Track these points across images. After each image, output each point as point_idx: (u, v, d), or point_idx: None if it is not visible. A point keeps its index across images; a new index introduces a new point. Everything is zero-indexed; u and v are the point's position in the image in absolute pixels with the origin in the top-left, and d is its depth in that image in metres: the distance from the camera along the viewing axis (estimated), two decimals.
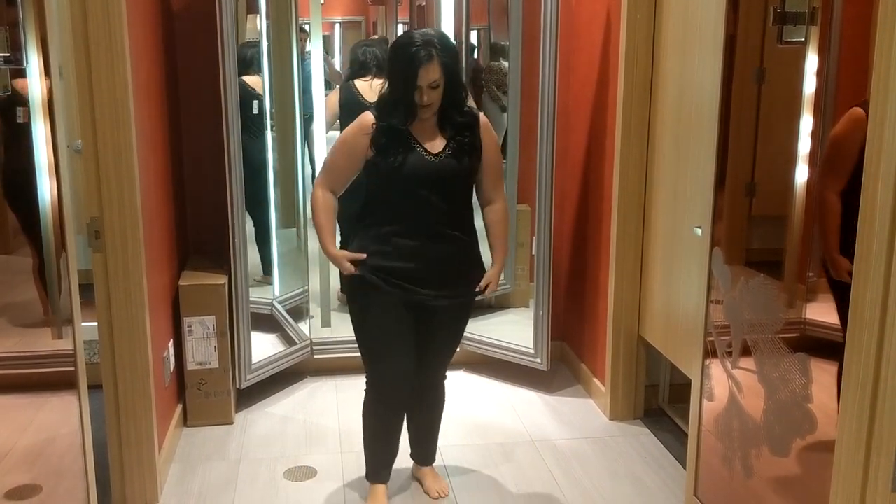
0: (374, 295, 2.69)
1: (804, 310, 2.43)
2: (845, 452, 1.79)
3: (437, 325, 2.79)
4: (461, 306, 2.82)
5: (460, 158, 2.66)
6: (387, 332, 2.73)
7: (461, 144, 2.66)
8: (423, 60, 2.51)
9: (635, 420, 3.66)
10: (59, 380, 2.43)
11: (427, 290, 2.69)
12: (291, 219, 4.52)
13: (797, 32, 2.34)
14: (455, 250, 2.71)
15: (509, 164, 4.48)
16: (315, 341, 4.08)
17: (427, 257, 2.67)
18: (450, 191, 2.67)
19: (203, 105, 3.75)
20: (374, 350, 2.77)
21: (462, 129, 2.67)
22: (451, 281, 2.73)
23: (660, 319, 3.39)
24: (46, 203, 2.39)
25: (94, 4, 2.56)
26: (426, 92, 2.55)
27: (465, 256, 2.76)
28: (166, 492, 3.07)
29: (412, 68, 2.52)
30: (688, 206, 3.03)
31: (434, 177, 2.63)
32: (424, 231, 2.66)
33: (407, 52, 2.53)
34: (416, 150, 2.63)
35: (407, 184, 2.63)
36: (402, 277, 2.66)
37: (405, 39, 2.61)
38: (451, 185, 2.67)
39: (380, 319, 2.72)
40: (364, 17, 7.19)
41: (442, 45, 2.56)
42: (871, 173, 1.68)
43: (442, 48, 2.55)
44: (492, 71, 5.14)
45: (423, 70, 2.52)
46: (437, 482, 3.07)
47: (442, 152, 2.64)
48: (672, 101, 3.19)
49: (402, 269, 2.66)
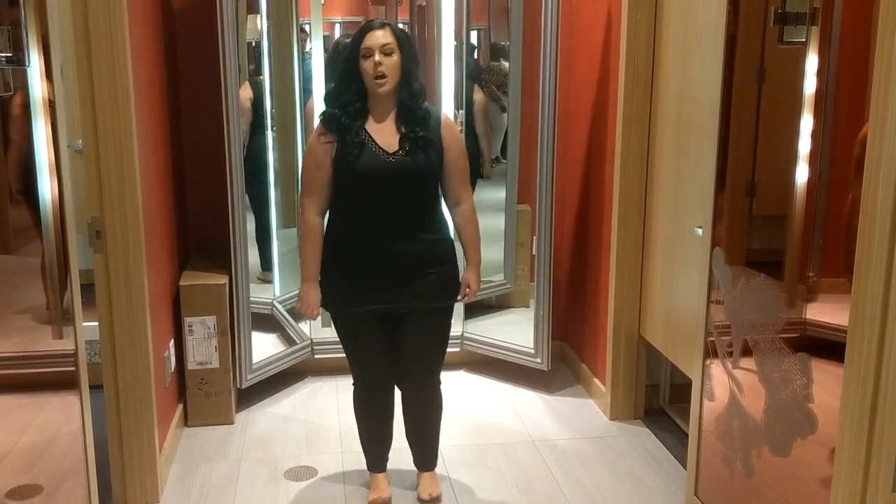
0: (342, 311, 2.73)
1: (805, 310, 2.43)
2: (846, 452, 1.80)
3: (413, 329, 2.72)
4: (435, 309, 2.74)
5: (415, 155, 2.59)
6: (360, 344, 2.75)
7: (415, 140, 2.59)
8: (373, 26, 2.54)
9: (636, 420, 3.66)
10: (60, 380, 2.43)
11: (393, 297, 2.65)
12: (292, 218, 4.52)
13: (798, 33, 2.34)
14: (420, 251, 2.64)
15: (509, 164, 4.48)
16: (315, 341, 4.08)
17: (389, 262, 2.62)
18: (409, 190, 2.60)
19: (204, 105, 3.75)
20: (353, 357, 2.80)
21: (418, 123, 2.60)
22: (418, 284, 2.66)
23: (660, 319, 3.39)
24: (48, 203, 2.39)
25: (95, 4, 2.56)
26: (381, 58, 2.50)
27: (433, 256, 2.68)
28: (167, 491, 3.07)
29: (361, 33, 2.53)
30: (688, 206, 3.03)
31: (391, 176, 2.58)
32: (386, 233, 2.61)
33: (360, 28, 2.58)
34: (372, 149, 2.58)
35: (363, 185, 2.58)
36: (366, 287, 2.64)
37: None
38: (410, 185, 2.60)
39: (352, 332, 2.74)
40: (364, 17, 7.20)
41: (399, 28, 2.58)
42: (872, 173, 1.68)
43: (397, 28, 2.57)
44: (492, 71, 5.14)
45: (374, 33, 2.52)
46: (430, 486, 2.98)
47: (398, 150, 2.59)
48: (673, 101, 3.19)
49: (365, 278, 2.64)
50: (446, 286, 2.75)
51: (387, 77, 2.54)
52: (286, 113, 4.24)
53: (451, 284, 2.76)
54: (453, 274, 2.76)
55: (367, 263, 2.64)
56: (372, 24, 2.56)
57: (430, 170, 2.62)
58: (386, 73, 2.53)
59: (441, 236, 2.71)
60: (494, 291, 4.60)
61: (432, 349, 2.82)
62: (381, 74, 2.53)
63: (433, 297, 2.71)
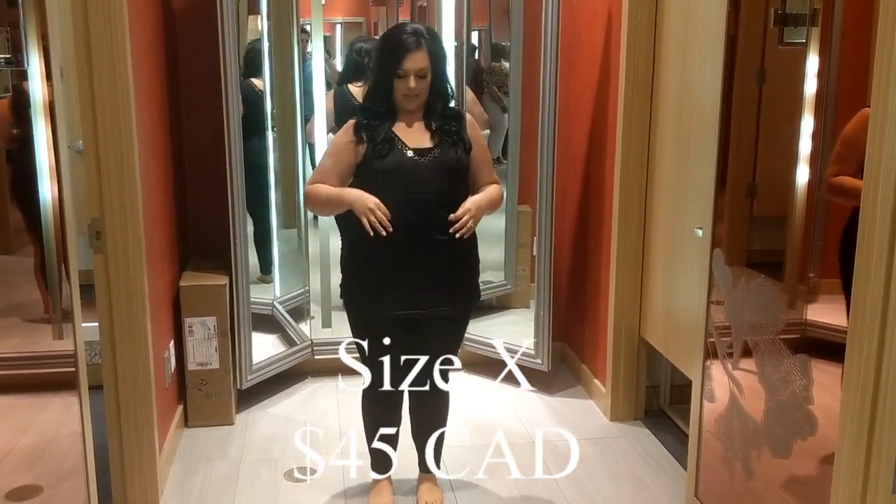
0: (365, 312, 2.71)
1: (805, 311, 2.43)
2: (846, 454, 1.79)
3: (429, 335, 2.73)
4: (455, 317, 2.75)
5: (447, 151, 2.60)
6: (377, 344, 2.70)
7: (448, 135, 2.62)
8: (411, 47, 2.52)
9: (636, 421, 3.66)
10: (61, 380, 2.43)
11: (418, 303, 2.63)
12: (292, 219, 4.53)
13: (798, 34, 2.35)
14: (449, 259, 2.63)
15: (510, 165, 4.48)
16: (316, 342, 4.08)
17: (420, 268, 2.61)
18: (442, 191, 2.59)
19: (204, 106, 3.75)
20: (368, 357, 2.76)
21: (448, 121, 2.64)
22: (443, 292, 2.66)
23: (660, 320, 3.39)
24: (48, 203, 2.39)
25: (95, 5, 2.56)
26: (414, 79, 2.54)
27: (460, 265, 2.69)
28: (167, 492, 3.07)
29: (400, 52, 2.53)
30: (689, 206, 3.03)
31: (425, 179, 2.58)
32: (416, 238, 2.58)
33: (396, 38, 2.56)
34: (403, 151, 2.59)
35: (396, 189, 2.57)
36: (392, 294, 2.62)
37: (395, 29, 2.63)
38: (443, 185, 2.59)
39: (370, 333, 2.70)
40: (365, 17, 7.19)
41: (431, 35, 2.58)
42: (872, 174, 1.68)
43: (431, 38, 2.57)
44: (493, 72, 5.15)
45: (411, 56, 2.53)
46: (429, 493, 2.97)
47: (431, 150, 2.60)
48: (673, 102, 3.19)
49: (392, 283, 2.62)
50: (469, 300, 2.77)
51: (417, 97, 2.59)
52: (286, 114, 4.24)
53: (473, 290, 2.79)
54: (474, 288, 2.78)
55: (395, 271, 2.61)
56: (406, 41, 2.53)
57: (463, 166, 2.65)
58: (418, 94, 2.58)
59: (469, 246, 2.71)
60: (495, 292, 4.60)
61: (448, 351, 2.81)
62: (414, 96, 2.58)
63: (458, 308, 2.73)
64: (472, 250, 2.75)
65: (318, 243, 4.32)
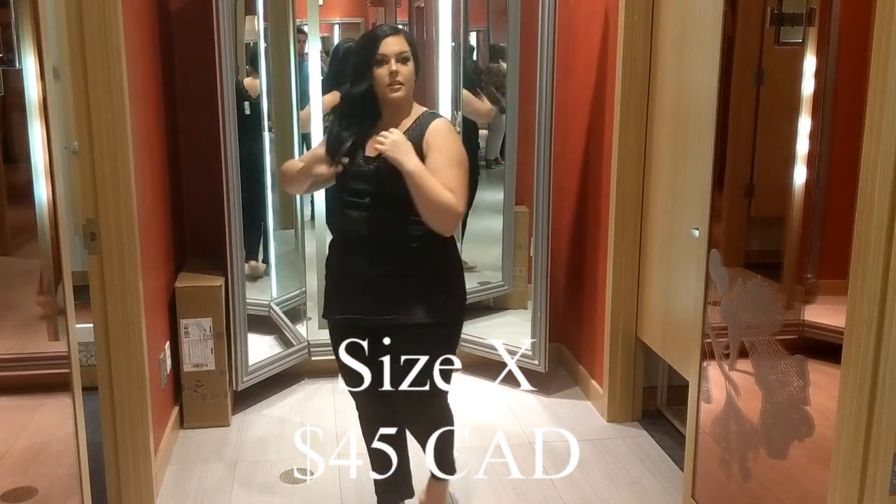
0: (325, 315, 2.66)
1: (802, 312, 2.42)
2: (843, 455, 1.79)
3: (394, 346, 2.52)
4: (414, 326, 2.48)
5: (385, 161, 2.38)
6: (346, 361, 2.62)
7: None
8: (387, 32, 2.42)
9: (633, 422, 3.65)
10: (56, 382, 2.42)
11: (370, 310, 2.49)
12: (289, 220, 4.52)
13: (795, 33, 2.34)
14: (399, 268, 2.46)
15: (507, 166, 4.48)
16: (312, 343, 4.07)
17: (364, 274, 2.47)
18: (387, 197, 2.41)
19: (200, 106, 3.74)
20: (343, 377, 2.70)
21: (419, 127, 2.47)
22: (396, 299, 2.47)
23: (657, 321, 3.39)
24: (43, 204, 2.38)
25: (89, 5, 2.55)
26: (397, 66, 2.39)
27: (415, 270, 2.47)
28: (162, 494, 3.06)
29: (373, 40, 2.41)
30: (686, 207, 3.02)
31: (372, 184, 2.43)
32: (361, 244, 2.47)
33: (369, 32, 2.47)
34: (356, 157, 2.46)
35: (343, 192, 2.48)
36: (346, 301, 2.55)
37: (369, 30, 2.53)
38: (388, 191, 2.41)
39: (339, 347, 2.62)
40: (363, 18, 7.19)
41: (408, 32, 2.49)
42: (869, 173, 1.67)
43: (409, 34, 2.48)
44: (490, 72, 5.13)
45: (388, 40, 2.39)
46: (429, 498, 2.83)
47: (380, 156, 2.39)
48: (670, 102, 3.18)
49: (346, 290, 2.55)
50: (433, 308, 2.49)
51: (403, 85, 2.42)
52: (283, 114, 4.23)
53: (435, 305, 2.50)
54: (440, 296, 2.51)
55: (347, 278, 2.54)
56: (382, 29, 2.44)
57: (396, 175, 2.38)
58: (402, 81, 2.41)
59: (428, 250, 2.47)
60: (492, 293, 4.59)
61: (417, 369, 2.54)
62: (398, 82, 2.41)
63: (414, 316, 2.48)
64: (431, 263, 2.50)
65: (314, 244, 4.31)
